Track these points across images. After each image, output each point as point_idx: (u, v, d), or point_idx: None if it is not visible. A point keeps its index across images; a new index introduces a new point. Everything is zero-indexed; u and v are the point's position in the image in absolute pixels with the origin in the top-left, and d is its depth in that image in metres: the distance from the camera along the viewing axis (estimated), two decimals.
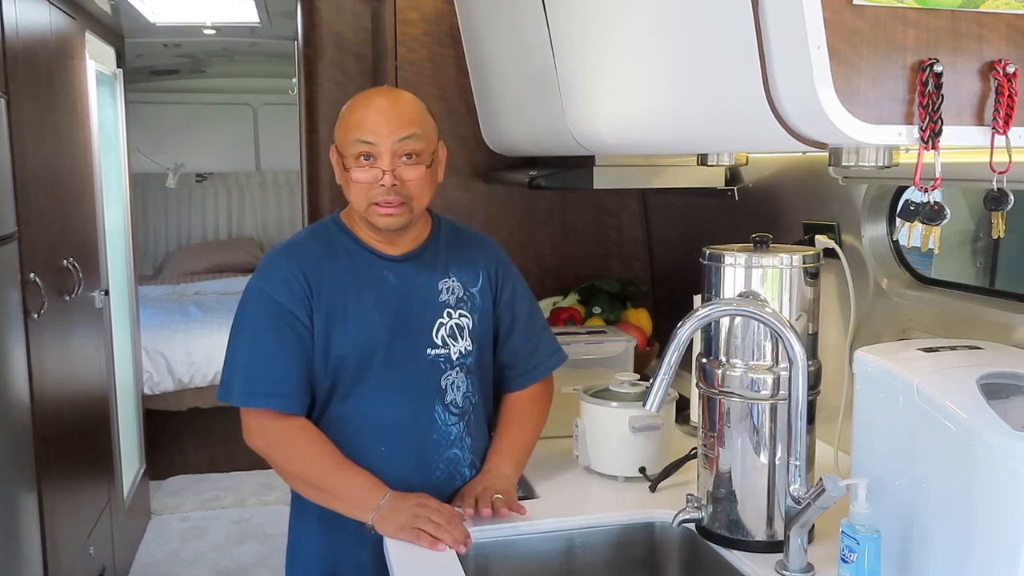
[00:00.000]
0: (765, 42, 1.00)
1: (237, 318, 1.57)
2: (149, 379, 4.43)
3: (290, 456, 1.54)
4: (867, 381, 1.28)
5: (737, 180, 2.09)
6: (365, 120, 1.50)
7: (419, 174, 1.52)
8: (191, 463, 4.69)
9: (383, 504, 1.48)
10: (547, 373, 1.73)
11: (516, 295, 1.70)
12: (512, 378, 1.71)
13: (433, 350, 1.57)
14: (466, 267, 1.64)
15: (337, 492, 1.52)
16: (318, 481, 1.53)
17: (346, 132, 1.52)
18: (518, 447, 1.66)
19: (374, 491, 1.50)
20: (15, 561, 2.29)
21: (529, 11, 1.71)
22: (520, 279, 1.72)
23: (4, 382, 2.26)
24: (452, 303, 1.60)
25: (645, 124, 1.40)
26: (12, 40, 2.40)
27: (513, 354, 1.69)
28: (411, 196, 1.52)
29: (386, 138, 1.49)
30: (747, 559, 1.41)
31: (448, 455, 1.60)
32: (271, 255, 1.60)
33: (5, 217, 2.32)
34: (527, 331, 1.70)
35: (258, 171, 6.63)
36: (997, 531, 1.07)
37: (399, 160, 1.50)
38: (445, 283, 1.60)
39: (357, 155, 1.50)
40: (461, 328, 1.60)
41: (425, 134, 1.53)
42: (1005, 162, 0.99)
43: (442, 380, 1.59)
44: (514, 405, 1.71)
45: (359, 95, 1.58)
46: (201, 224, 6.62)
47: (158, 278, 6.06)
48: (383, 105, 1.52)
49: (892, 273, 1.72)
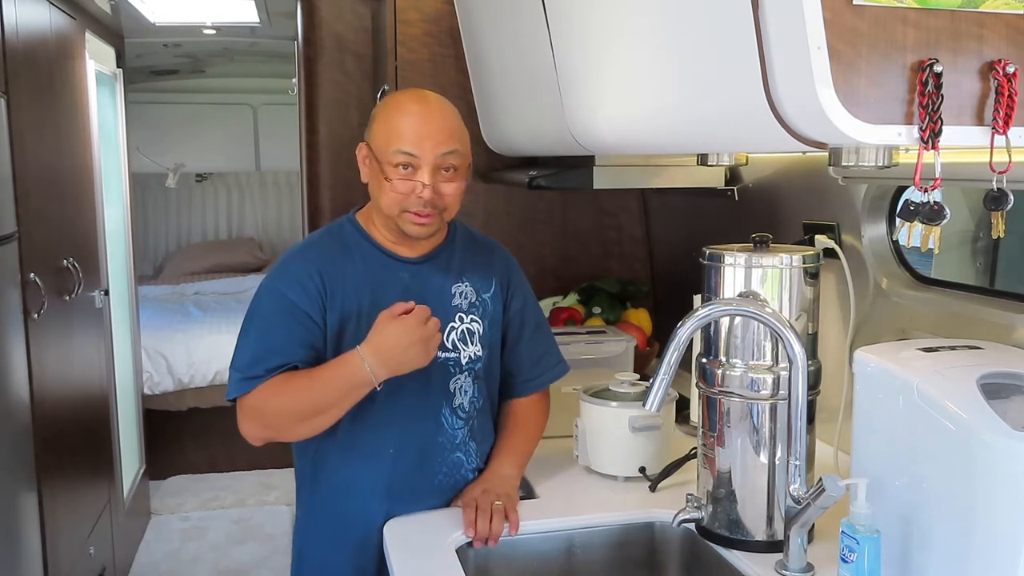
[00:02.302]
0: (765, 42, 1.00)
1: (247, 316, 1.56)
2: (149, 379, 4.43)
3: (278, 401, 1.47)
4: (867, 381, 1.28)
5: (737, 180, 2.09)
6: (408, 130, 1.48)
7: (457, 189, 1.52)
8: (191, 463, 4.69)
9: (367, 361, 1.42)
10: (550, 383, 1.73)
11: (526, 304, 1.70)
12: (515, 385, 1.71)
13: (444, 353, 1.57)
14: (480, 272, 1.64)
15: (333, 392, 1.46)
16: (313, 400, 1.46)
17: (387, 140, 1.49)
18: (520, 450, 1.67)
19: (352, 361, 1.44)
20: (15, 561, 2.29)
21: (529, 11, 1.71)
22: (530, 289, 1.73)
23: (4, 382, 2.26)
24: (464, 308, 1.60)
25: (645, 124, 1.40)
26: (12, 40, 2.40)
27: (518, 361, 1.69)
28: (445, 207, 1.52)
29: (429, 152, 1.47)
30: (747, 559, 1.41)
31: (452, 458, 1.60)
32: (288, 256, 1.59)
33: (5, 217, 2.32)
34: (534, 340, 1.70)
35: (258, 171, 6.63)
36: (997, 531, 1.07)
37: (439, 173, 1.49)
38: (459, 287, 1.60)
39: (397, 164, 1.48)
40: (472, 333, 1.60)
41: (464, 148, 1.53)
42: (1005, 162, 0.99)
43: (451, 384, 1.58)
44: (516, 411, 1.71)
45: (399, 98, 1.56)
46: (201, 224, 6.62)
47: (158, 278, 6.06)
48: (427, 116, 1.50)
49: (892, 273, 1.72)
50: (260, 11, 4.06)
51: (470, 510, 1.51)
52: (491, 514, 1.50)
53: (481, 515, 1.49)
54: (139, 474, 4.00)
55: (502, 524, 1.50)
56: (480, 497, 1.53)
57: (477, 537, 1.48)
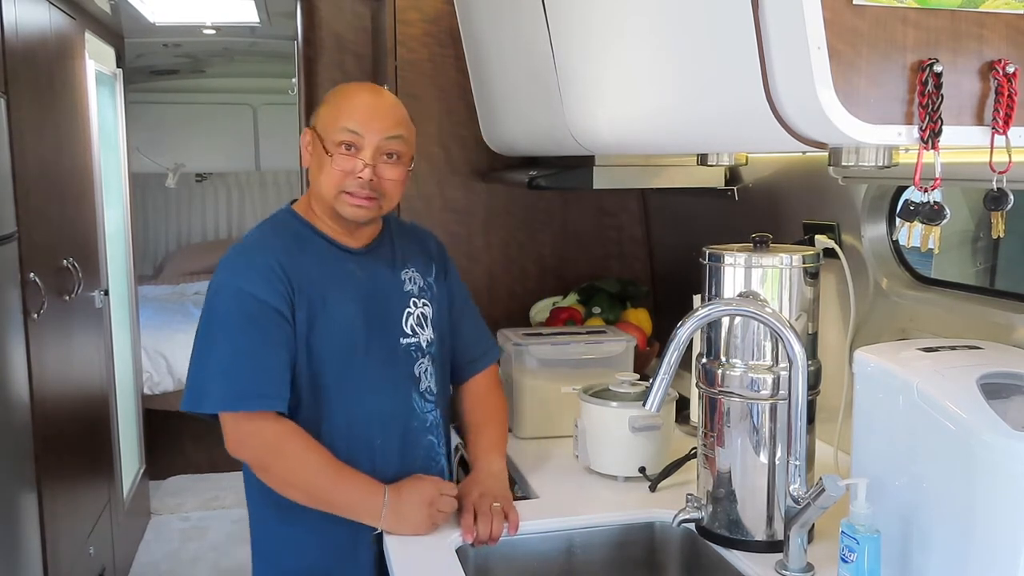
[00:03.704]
0: (765, 42, 1.00)
1: (204, 320, 1.52)
2: (149, 379, 4.43)
3: (293, 465, 1.49)
4: (867, 381, 1.28)
5: (737, 180, 2.09)
6: (356, 109, 1.51)
7: (398, 175, 1.53)
8: (191, 463, 4.69)
9: (387, 505, 1.47)
10: (495, 359, 1.78)
11: (460, 286, 1.76)
12: (463, 365, 1.74)
13: (405, 339, 1.60)
14: (419, 257, 1.68)
15: (344, 500, 1.49)
16: (323, 491, 1.49)
17: (334, 118, 1.51)
18: (499, 442, 1.69)
19: (375, 492, 1.49)
20: (15, 561, 2.29)
21: (529, 11, 1.71)
22: (455, 268, 1.77)
23: (4, 382, 2.26)
24: (416, 292, 1.63)
25: (645, 124, 1.40)
26: (12, 40, 2.40)
27: (463, 341, 1.74)
28: (384, 194, 1.53)
29: (374, 133, 1.49)
30: (747, 559, 1.41)
31: (426, 442, 1.62)
32: (241, 250, 1.56)
33: (5, 217, 2.32)
34: (471, 319, 1.76)
35: (258, 171, 6.63)
36: (997, 531, 1.07)
37: (381, 157, 1.51)
38: (407, 273, 1.63)
39: (340, 142, 1.49)
40: (426, 316, 1.64)
41: (409, 138, 1.56)
42: (1005, 162, 0.99)
43: (416, 368, 1.61)
44: (476, 400, 1.74)
45: (350, 85, 1.60)
46: (201, 224, 6.62)
47: (158, 278, 6.06)
48: (374, 101, 1.54)
49: (892, 273, 1.72)
50: (260, 11, 4.06)
51: (469, 515, 1.50)
52: (491, 516, 1.49)
53: (482, 519, 1.49)
54: (139, 474, 4.00)
55: (502, 525, 1.50)
56: (478, 501, 1.51)
57: (478, 541, 1.48)
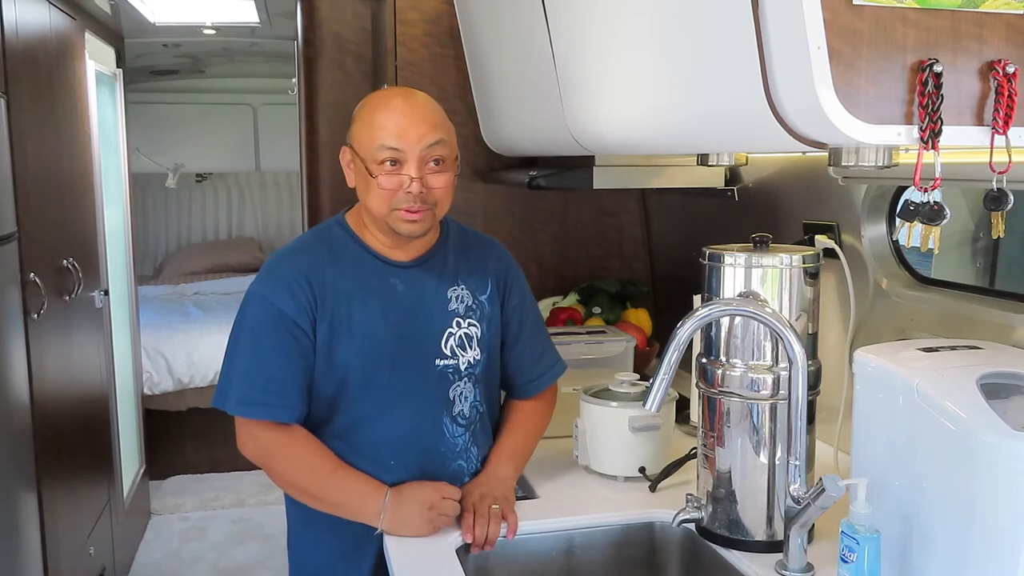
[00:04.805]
0: (765, 42, 1.00)
1: (236, 324, 1.54)
2: (149, 379, 4.43)
3: (288, 466, 1.51)
4: (867, 381, 1.28)
5: (737, 180, 2.09)
6: (390, 124, 1.45)
7: (446, 181, 1.49)
8: (191, 463, 4.69)
9: (387, 507, 1.47)
10: (552, 382, 1.71)
11: (524, 301, 1.67)
12: (518, 386, 1.69)
13: (442, 360, 1.55)
14: (475, 273, 1.61)
15: (338, 500, 1.50)
16: (317, 491, 1.51)
17: (369, 137, 1.45)
18: (519, 451, 1.65)
19: (374, 494, 1.49)
20: (15, 561, 2.29)
21: (529, 11, 1.71)
22: (527, 286, 1.70)
23: (4, 382, 2.26)
24: (461, 312, 1.57)
25: (645, 124, 1.40)
26: (12, 40, 2.40)
27: (519, 361, 1.67)
28: (436, 203, 1.48)
29: (414, 144, 1.44)
30: (747, 559, 1.41)
31: (453, 467, 1.58)
32: (275, 260, 1.55)
33: (5, 217, 2.32)
34: (533, 339, 1.68)
35: (258, 171, 6.63)
36: (997, 531, 1.07)
37: (426, 167, 1.46)
38: (454, 291, 1.57)
39: (382, 161, 1.45)
40: (470, 337, 1.57)
41: (450, 139, 1.50)
42: (1005, 162, 0.99)
43: (451, 391, 1.56)
44: (519, 411, 1.69)
45: (378, 95, 1.54)
46: (201, 224, 6.62)
47: (158, 278, 6.06)
48: (407, 109, 1.47)
49: (892, 273, 1.72)
50: (260, 11, 4.06)
51: (468, 515, 1.49)
52: (489, 519, 1.49)
53: (479, 521, 1.48)
54: (139, 474, 3.99)
55: (499, 528, 1.49)
56: (478, 503, 1.51)
57: (475, 543, 1.48)
